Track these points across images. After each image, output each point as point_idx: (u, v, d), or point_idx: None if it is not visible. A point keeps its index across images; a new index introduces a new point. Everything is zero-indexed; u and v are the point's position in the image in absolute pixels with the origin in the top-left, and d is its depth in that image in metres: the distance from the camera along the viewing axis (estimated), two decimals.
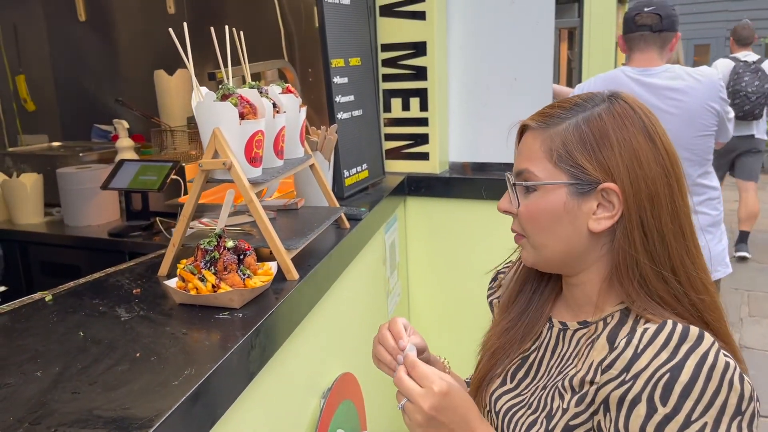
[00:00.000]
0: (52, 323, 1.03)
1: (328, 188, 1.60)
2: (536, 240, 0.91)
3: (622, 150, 0.83)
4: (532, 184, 0.89)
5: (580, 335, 0.92)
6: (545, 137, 0.88)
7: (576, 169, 0.85)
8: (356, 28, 2.07)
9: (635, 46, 2.31)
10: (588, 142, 0.85)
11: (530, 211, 0.90)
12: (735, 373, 0.73)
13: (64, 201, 2.15)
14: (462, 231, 2.34)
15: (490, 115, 2.35)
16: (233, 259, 1.08)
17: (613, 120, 0.85)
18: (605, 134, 0.84)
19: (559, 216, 0.87)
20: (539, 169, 0.88)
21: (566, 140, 0.86)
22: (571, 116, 0.87)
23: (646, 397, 0.73)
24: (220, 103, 1.16)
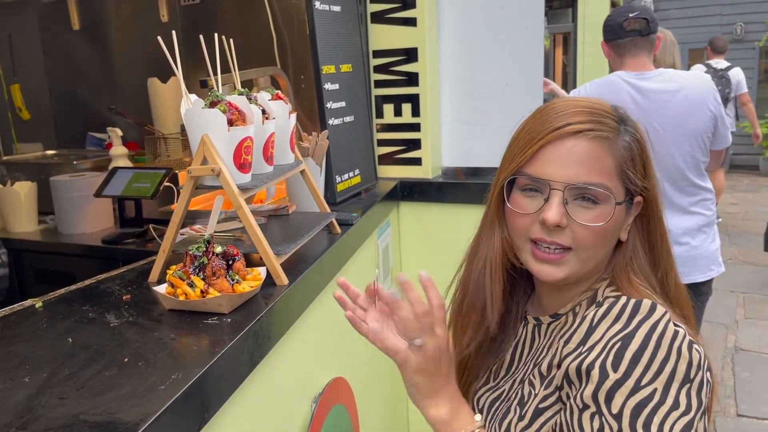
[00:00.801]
0: (41, 330, 1.03)
1: (319, 194, 1.61)
2: (588, 254, 0.87)
3: (651, 166, 0.90)
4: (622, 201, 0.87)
5: (553, 327, 0.95)
6: (615, 150, 0.87)
7: (631, 185, 0.88)
8: (347, 34, 2.09)
9: (627, 52, 2.33)
10: (639, 159, 0.89)
11: (602, 227, 0.85)
12: (684, 341, 0.76)
13: (58, 209, 2.15)
14: (456, 236, 2.32)
15: (482, 120, 2.36)
16: (222, 264, 1.09)
17: (644, 135, 0.91)
18: (645, 151, 0.90)
19: (618, 230, 0.90)
20: (614, 185, 0.86)
21: (628, 156, 0.88)
22: (622, 129, 0.89)
23: (599, 364, 0.76)
24: (208, 109, 1.17)
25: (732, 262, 5.49)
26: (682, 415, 0.72)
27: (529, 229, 0.89)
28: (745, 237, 6.29)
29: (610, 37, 2.37)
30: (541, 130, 0.87)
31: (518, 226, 0.91)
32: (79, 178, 2.16)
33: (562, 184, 0.85)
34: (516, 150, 0.91)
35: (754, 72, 10.15)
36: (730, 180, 9.49)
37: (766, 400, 3.24)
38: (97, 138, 2.79)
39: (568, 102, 0.90)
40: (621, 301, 0.80)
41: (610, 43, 2.38)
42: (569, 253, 0.87)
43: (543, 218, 0.86)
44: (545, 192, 0.87)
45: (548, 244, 0.87)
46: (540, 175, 0.87)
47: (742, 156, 10.21)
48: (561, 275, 0.88)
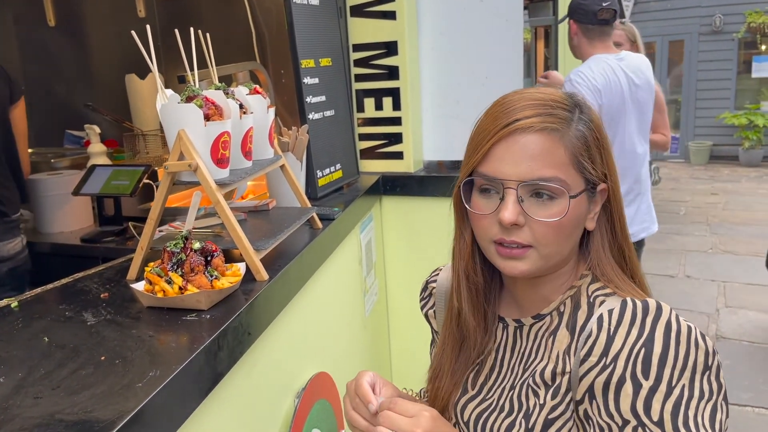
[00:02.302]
0: (16, 329, 1.02)
1: (299, 189, 1.60)
2: (550, 250, 0.86)
3: (609, 151, 0.89)
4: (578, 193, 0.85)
5: (537, 328, 0.92)
6: (567, 142, 0.84)
7: (590, 174, 0.86)
8: (326, 28, 2.07)
9: (596, 37, 2.63)
10: (595, 147, 0.87)
11: (567, 220, 0.84)
12: (697, 332, 0.77)
13: (36, 208, 2.13)
14: (438, 229, 2.34)
15: (462, 114, 2.36)
16: (200, 260, 1.08)
17: (599, 122, 0.89)
18: (604, 137, 0.89)
19: (580, 222, 0.88)
20: (569, 177, 0.84)
21: (581, 144, 0.85)
22: (575, 118, 0.87)
23: (630, 375, 0.75)
24: (184, 104, 1.16)
25: (713, 251, 5.56)
26: (709, 402, 0.74)
27: (490, 230, 0.87)
28: (725, 227, 6.37)
29: (581, 19, 2.61)
30: (491, 128, 0.85)
31: (479, 227, 0.89)
32: (57, 176, 2.13)
33: (515, 182, 0.83)
34: (470, 150, 0.89)
35: (733, 63, 10.26)
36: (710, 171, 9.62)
37: (746, 387, 3.29)
38: (75, 136, 2.75)
39: (518, 95, 0.88)
40: (628, 306, 0.79)
41: (581, 26, 2.63)
42: (529, 249, 0.85)
43: (499, 218, 0.84)
44: (500, 191, 0.85)
45: (508, 244, 0.85)
46: (493, 174, 0.85)
47: (722, 147, 10.34)
48: (525, 268, 0.86)
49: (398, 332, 2.46)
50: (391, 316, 2.45)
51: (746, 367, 3.50)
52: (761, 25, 9.73)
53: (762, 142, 9.73)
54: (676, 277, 4.91)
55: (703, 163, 10.24)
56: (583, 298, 0.88)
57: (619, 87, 2.56)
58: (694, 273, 5.02)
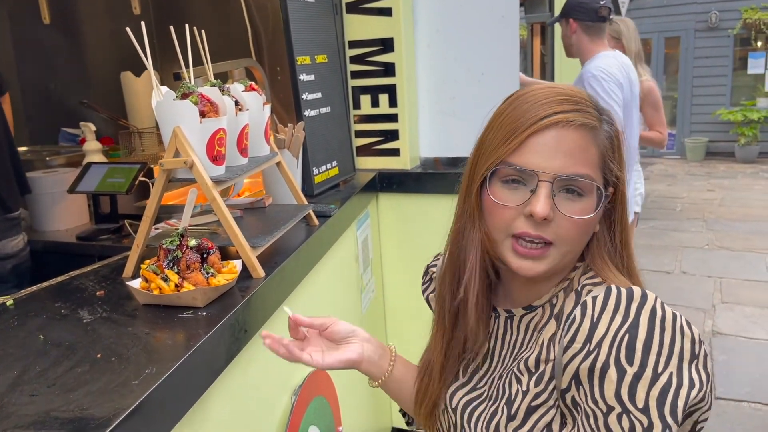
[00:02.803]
0: (12, 328, 1.02)
1: (295, 186, 1.60)
2: (569, 247, 0.86)
3: (623, 155, 0.89)
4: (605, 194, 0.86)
5: (528, 320, 0.93)
6: (598, 142, 0.85)
7: (610, 175, 0.87)
8: (322, 25, 2.07)
9: (596, 34, 2.71)
10: (615, 150, 0.88)
11: (586, 220, 0.84)
12: (681, 319, 0.77)
13: (31, 206, 2.12)
14: (435, 226, 2.33)
15: (459, 110, 2.36)
16: (196, 258, 1.08)
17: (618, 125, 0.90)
18: (622, 141, 0.89)
19: (595, 223, 0.89)
20: (597, 176, 0.85)
21: (609, 146, 0.87)
22: (603, 119, 0.88)
23: (614, 361, 0.74)
24: (179, 101, 1.15)
25: (709, 247, 5.57)
26: (699, 391, 0.74)
27: (512, 223, 0.85)
28: (721, 223, 6.37)
29: (582, 17, 2.68)
30: (525, 119, 0.83)
31: (499, 219, 0.86)
32: (52, 174, 2.13)
33: (551, 176, 0.82)
34: (498, 139, 0.86)
35: (729, 60, 10.27)
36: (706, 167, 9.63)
37: (742, 383, 3.30)
38: (71, 133, 2.75)
39: (548, 89, 0.86)
40: (612, 292, 0.78)
41: (581, 24, 2.70)
42: (551, 247, 0.84)
43: (531, 211, 0.82)
44: (532, 184, 0.83)
45: (532, 238, 0.84)
46: (527, 165, 0.83)
47: (718, 143, 10.35)
48: (541, 269, 0.85)
49: (395, 329, 2.46)
50: (387, 312, 2.45)
51: (742, 363, 3.51)
52: (757, 22, 9.74)
53: (758, 138, 9.74)
54: (672, 273, 4.91)
55: (699, 160, 10.25)
56: (573, 288, 0.88)
57: (629, 82, 2.65)
58: (690, 269, 5.03)
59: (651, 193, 7.87)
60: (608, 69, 2.58)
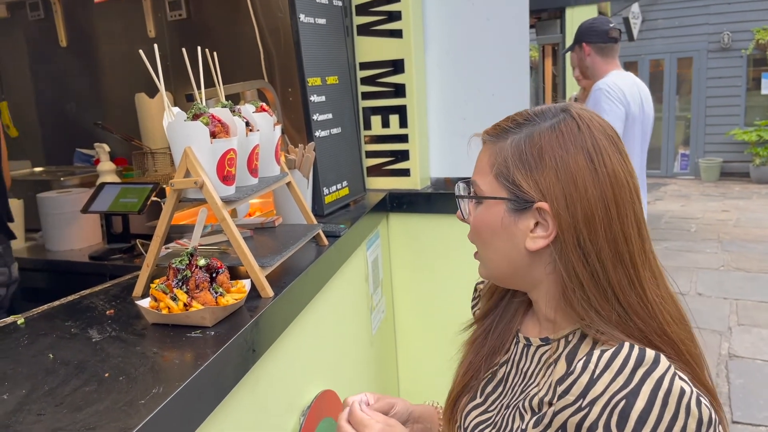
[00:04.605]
0: (22, 346, 1.02)
1: (305, 206, 1.61)
2: (482, 253, 0.94)
3: (558, 170, 0.82)
4: (468, 197, 0.94)
5: (542, 352, 0.91)
6: (492, 151, 0.89)
7: (513, 185, 0.86)
8: (333, 46, 2.09)
9: (608, 55, 2.87)
10: (525, 160, 0.84)
11: (474, 224, 0.92)
12: (692, 398, 0.70)
13: (45, 225, 2.14)
14: (445, 246, 2.34)
15: (469, 130, 2.34)
16: (205, 277, 1.08)
17: (555, 138, 0.83)
18: (542, 153, 0.83)
19: (497, 231, 0.89)
20: (483, 183, 0.90)
21: (507, 156, 0.86)
22: (518, 131, 0.87)
23: (603, 424, 0.70)
24: (190, 122, 1.17)
25: (724, 269, 5.51)
26: None
27: None
28: (737, 244, 6.31)
29: (595, 40, 2.81)
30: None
31: None
32: (66, 194, 2.15)
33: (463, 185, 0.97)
34: None
35: (742, 80, 10.25)
36: (721, 187, 9.56)
37: (760, 406, 3.24)
38: (85, 154, 2.78)
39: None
40: (623, 351, 0.73)
41: (594, 46, 2.83)
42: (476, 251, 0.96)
43: None
44: None
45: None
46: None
47: (732, 164, 10.29)
48: (481, 273, 0.97)
49: (406, 349, 2.45)
50: (398, 333, 2.44)
51: (760, 387, 3.45)
52: None
53: None
54: (687, 294, 4.86)
55: (714, 180, 10.19)
56: (591, 332, 0.82)
57: (640, 100, 2.74)
58: (705, 291, 4.97)
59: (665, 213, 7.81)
60: (616, 84, 2.69)
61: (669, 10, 10.57)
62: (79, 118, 2.83)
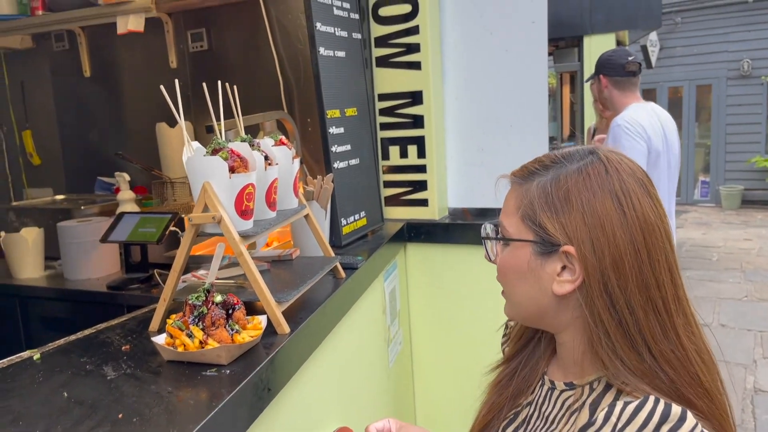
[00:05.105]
0: (37, 383, 1.02)
1: (323, 238, 1.60)
2: (509, 294, 0.93)
3: (585, 214, 0.80)
4: (494, 238, 0.92)
5: (566, 397, 0.88)
6: (519, 193, 0.88)
7: (539, 228, 0.84)
8: (352, 78, 2.10)
9: (626, 88, 2.81)
10: (552, 203, 0.82)
11: (501, 265, 0.91)
12: None
13: (64, 254, 2.16)
14: (464, 277, 2.32)
15: (487, 161, 2.36)
16: (221, 314, 1.07)
17: (582, 181, 0.81)
18: (569, 196, 0.81)
19: (524, 274, 0.87)
20: (510, 224, 0.89)
21: (534, 198, 0.85)
22: (545, 173, 0.86)
23: None
24: (209, 157, 1.17)
25: (748, 299, 5.40)
26: None
27: None
28: (761, 274, 6.19)
29: (611, 73, 2.80)
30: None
31: None
32: (86, 223, 2.17)
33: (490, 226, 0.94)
34: None
35: (763, 108, 10.16)
36: (742, 215, 9.42)
37: None
38: (106, 182, 2.81)
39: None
40: (647, 405, 0.70)
41: (610, 79, 2.82)
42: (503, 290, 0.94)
43: None
44: None
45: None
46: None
47: (754, 191, 10.16)
48: (507, 313, 0.95)
49: (423, 382, 2.41)
50: (415, 365, 2.41)
51: None
52: None
53: None
54: (710, 326, 4.76)
55: (735, 208, 10.05)
56: (616, 381, 0.79)
57: (661, 132, 2.69)
58: (729, 322, 4.87)
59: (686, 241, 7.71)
60: (635, 119, 2.64)
61: (688, 38, 10.55)
62: (100, 146, 2.87)
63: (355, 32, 2.14)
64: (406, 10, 2.22)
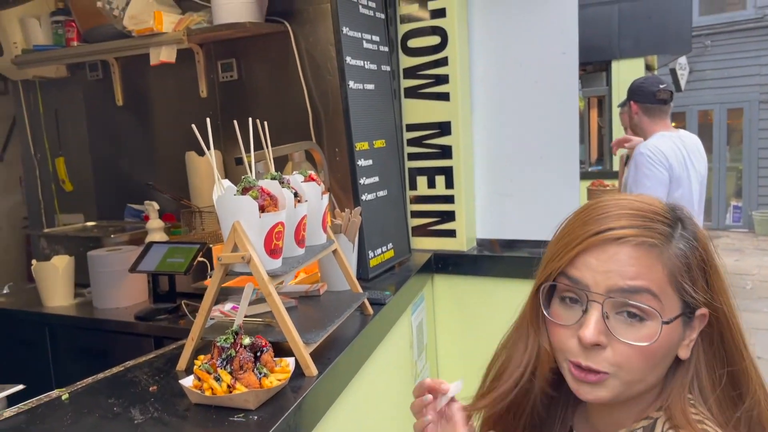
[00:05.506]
0: (65, 426, 1.01)
1: (351, 273, 1.58)
2: (633, 377, 0.77)
3: (713, 273, 0.80)
4: (666, 321, 0.76)
5: None
6: (665, 259, 0.77)
7: (689, 297, 0.78)
8: (381, 110, 2.10)
9: (656, 116, 2.84)
10: (698, 268, 0.79)
11: (647, 348, 0.75)
12: None
13: (94, 283, 2.17)
14: (492, 309, 2.28)
15: (516, 192, 2.33)
16: (249, 357, 1.06)
17: (706, 240, 0.81)
18: (707, 259, 0.80)
19: (671, 349, 0.79)
20: (664, 298, 0.76)
21: (681, 265, 0.78)
22: (676, 234, 0.79)
23: None
24: (240, 196, 1.16)
25: None
26: None
27: (567, 343, 0.80)
28: None
29: (642, 100, 2.83)
30: (581, 233, 0.79)
31: (555, 338, 0.82)
32: (116, 252, 2.18)
33: (601, 296, 0.76)
34: (554, 252, 0.83)
35: None
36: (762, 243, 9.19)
37: None
38: (135, 209, 2.84)
39: (613, 201, 0.82)
40: None
41: (641, 105, 2.84)
42: (609, 376, 0.77)
43: (579, 335, 0.77)
44: (583, 303, 0.78)
45: (583, 369, 0.78)
46: (580, 279, 0.79)
47: None
48: (603, 396, 0.79)
49: None
50: None
51: None
52: None
53: None
54: None
55: None
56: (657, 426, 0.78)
57: (683, 161, 2.70)
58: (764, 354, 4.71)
59: None
60: (657, 147, 2.67)
61: (718, 61, 10.43)
62: (131, 173, 2.90)
63: (384, 64, 2.14)
64: (436, 42, 2.22)
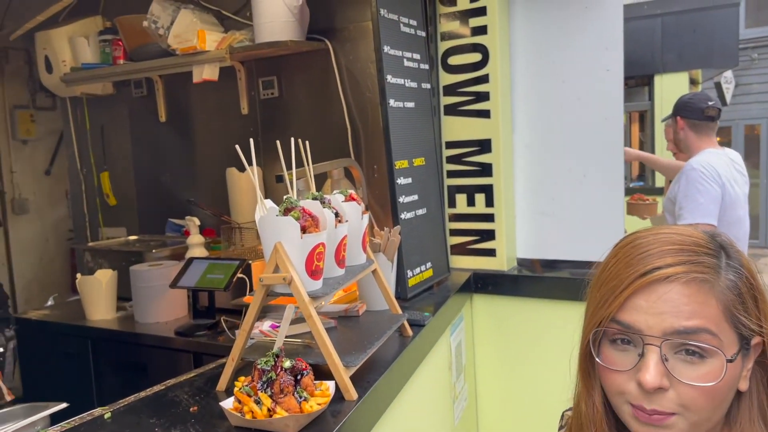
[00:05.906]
0: None
1: (390, 293, 1.57)
2: (700, 417, 0.74)
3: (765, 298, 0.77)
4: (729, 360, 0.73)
5: None
6: (718, 293, 0.74)
7: (744, 328, 0.75)
8: (420, 128, 2.09)
9: (703, 133, 2.77)
10: (749, 296, 0.76)
11: (713, 387, 0.72)
12: None
13: (136, 297, 2.20)
14: (532, 330, 2.24)
15: (559, 211, 2.28)
16: (290, 380, 1.05)
17: (751, 266, 0.78)
18: (756, 286, 0.77)
19: (735, 383, 0.76)
20: (723, 334, 0.73)
21: (734, 297, 0.75)
22: (722, 265, 0.76)
23: None
24: (282, 217, 1.16)
25: None
26: None
27: (625, 389, 0.76)
28: None
29: (689, 116, 2.78)
30: (626, 276, 0.76)
31: (612, 385, 0.78)
32: (157, 268, 2.21)
33: (658, 339, 0.73)
34: (601, 298, 0.79)
35: None
36: None
37: None
38: (177, 224, 2.87)
39: (651, 236, 0.78)
40: None
41: (688, 121, 2.78)
42: (674, 416, 0.73)
43: (639, 380, 0.73)
44: (639, 347, 0.75)
45: (648, 413, 0.74)
46: (632, 324, 0.75)
47: None
48: None
49: None
50: (481, 422, 2.32)
51: None
52: None
53: None
54: None
55: None
56: None
57: (734, 178, 2.64)
58: None
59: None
60: (709, 163, 2.59)
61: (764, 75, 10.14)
62: (173, 188, 2.95)
63: (425, 82, 2.14)
64: (476, 59, 2.21)
